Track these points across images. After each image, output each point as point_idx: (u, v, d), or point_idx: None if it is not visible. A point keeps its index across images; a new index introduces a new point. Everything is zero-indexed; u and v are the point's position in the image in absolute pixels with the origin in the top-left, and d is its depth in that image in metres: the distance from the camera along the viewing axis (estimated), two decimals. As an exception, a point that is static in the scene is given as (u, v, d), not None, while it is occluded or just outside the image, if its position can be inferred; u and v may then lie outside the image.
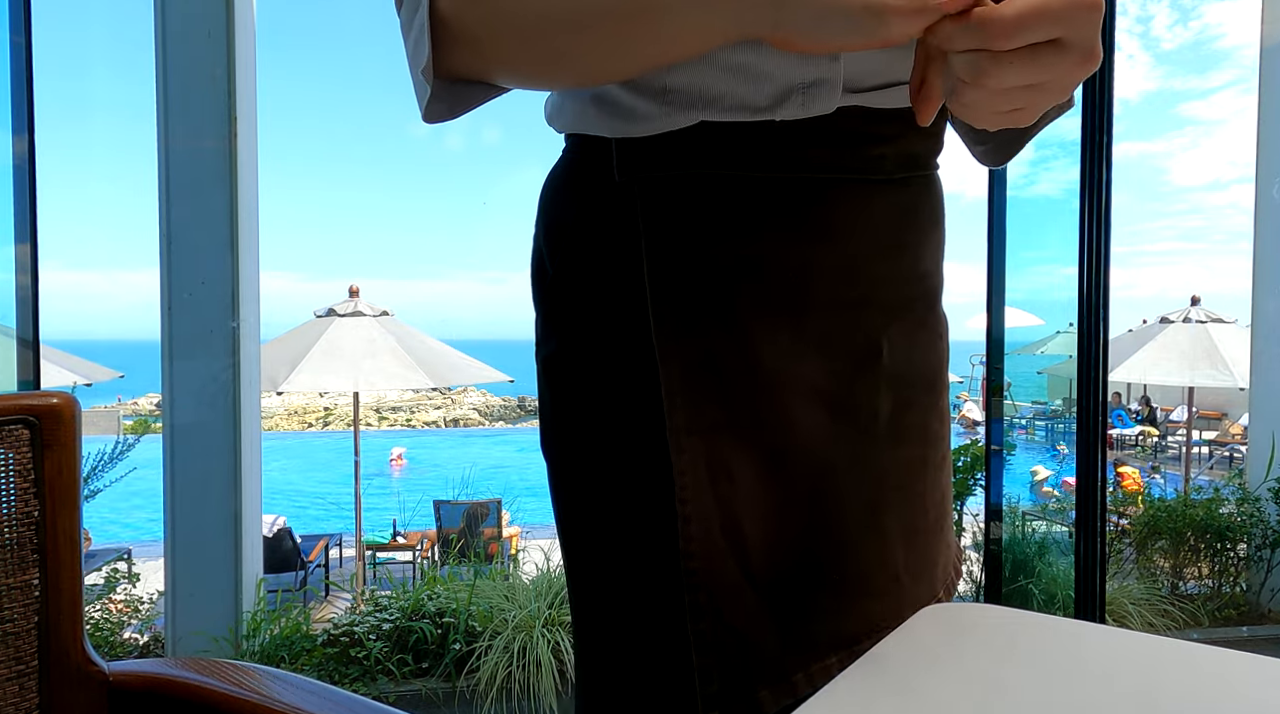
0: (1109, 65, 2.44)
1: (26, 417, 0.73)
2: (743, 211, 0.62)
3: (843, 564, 0.63)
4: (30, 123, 2.55)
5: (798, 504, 0.62)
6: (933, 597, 0.68)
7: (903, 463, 0.67)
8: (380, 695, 2.99)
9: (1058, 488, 4.83)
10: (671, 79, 0.60)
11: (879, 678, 0.50)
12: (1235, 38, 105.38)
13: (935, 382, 0.70)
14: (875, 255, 0.64)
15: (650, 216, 0.62)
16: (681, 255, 0.62)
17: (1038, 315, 3.90)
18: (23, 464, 0.73)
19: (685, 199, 0.62)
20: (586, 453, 0.66)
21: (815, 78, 0.60)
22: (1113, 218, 2.49)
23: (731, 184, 0.62)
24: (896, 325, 0.66)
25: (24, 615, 0.73)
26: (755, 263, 0.62)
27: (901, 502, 0.66)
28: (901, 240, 0.66)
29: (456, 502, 6.34)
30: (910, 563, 0.66)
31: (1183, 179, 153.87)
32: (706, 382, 0.61)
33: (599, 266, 0.65)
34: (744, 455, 0.61)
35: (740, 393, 0.61)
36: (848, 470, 0.63)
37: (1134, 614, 3.57)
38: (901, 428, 0.66)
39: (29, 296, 2.57)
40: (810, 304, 0.63)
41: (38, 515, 0.74)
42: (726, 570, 0.60)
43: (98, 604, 3.58)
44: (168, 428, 3.06)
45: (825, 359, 0.63)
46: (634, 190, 0.63)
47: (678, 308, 0.61)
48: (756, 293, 0.62)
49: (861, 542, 0.64)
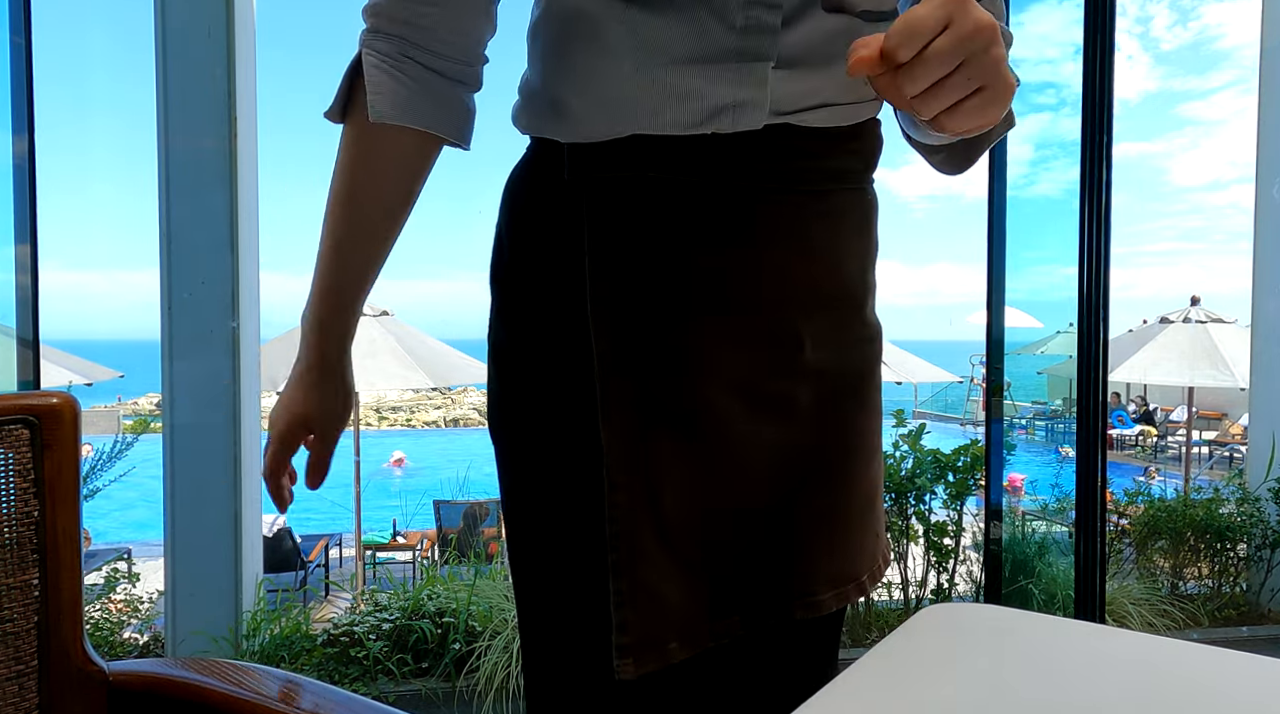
0: (1109, 65, 2.44)
1: (26, 417, 0.73)
2: (676, 214, 0.68)
3: (757, 536, 0.70)
4: (30, 123, 2.55)
5: (716, 480, 0.68)
6: (853, 579, 0.75)
7: (825, 450, 0.73)
8: (380, 695, 2.99)
9: (1039, 492, 4.80)
10: (617, 93, 0.67)
11: (879, 678, 0.50)
12: (1235, 38, 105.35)
13: (861, 379, 0.76)
14: (797, 260, 0.70)
15: (594, 214, 0.68)
16: (619, 252, 0.67)
17: (1037, 315, 3.90)
18: (23, 464, 0.73)
19: (625, 200, 0.68)
20: (528, 433, 0.72)
21: (743, 99, 0.67)
22: (1113, 218, 2.49)
23: (668, 188, 0.68)
24: (817, 325, 0.72)
25: (24, 615, 0.73)
26: (685, 261, 0.68)
27: (823, 485, 0.72)
28: (823, 247, 0.72)
29: (456, 501, 6.34)
30: (829, 542, 0.73)
31: (1182, 179, 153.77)
32: (635, 367, 0.67)
33: (547, 259, 0.71)
34: (667, 434, 0.67)
35: (666, 378, 0.67)
36: (766, 453, 0.70)
37: (1134, 614, 3.57)
38: (825, 418, 0.73)
39: (29, 296, 2.57)
40: (733, 301, 0.69)
41: (38, 515, 0.74)
42: (644, 535, 0.66)
43: (98, 604, 3.58)
44: (168, 428, 3.06)
45: (746, 351, 0.69)
46: (581, 190, 0.69)
47: (613, 298, 0.67)
48: (685, 288, 0.68)
49: (778, 517, 0.71)
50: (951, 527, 3.70)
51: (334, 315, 0.80)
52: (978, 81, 0.49)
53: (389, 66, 0.72)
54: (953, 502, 3.75)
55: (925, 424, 3.91)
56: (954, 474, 3.73)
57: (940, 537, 3.69)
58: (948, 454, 3.77)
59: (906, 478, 3.69)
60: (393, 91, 0.71)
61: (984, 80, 0.49)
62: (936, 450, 3.82)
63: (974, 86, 0.49)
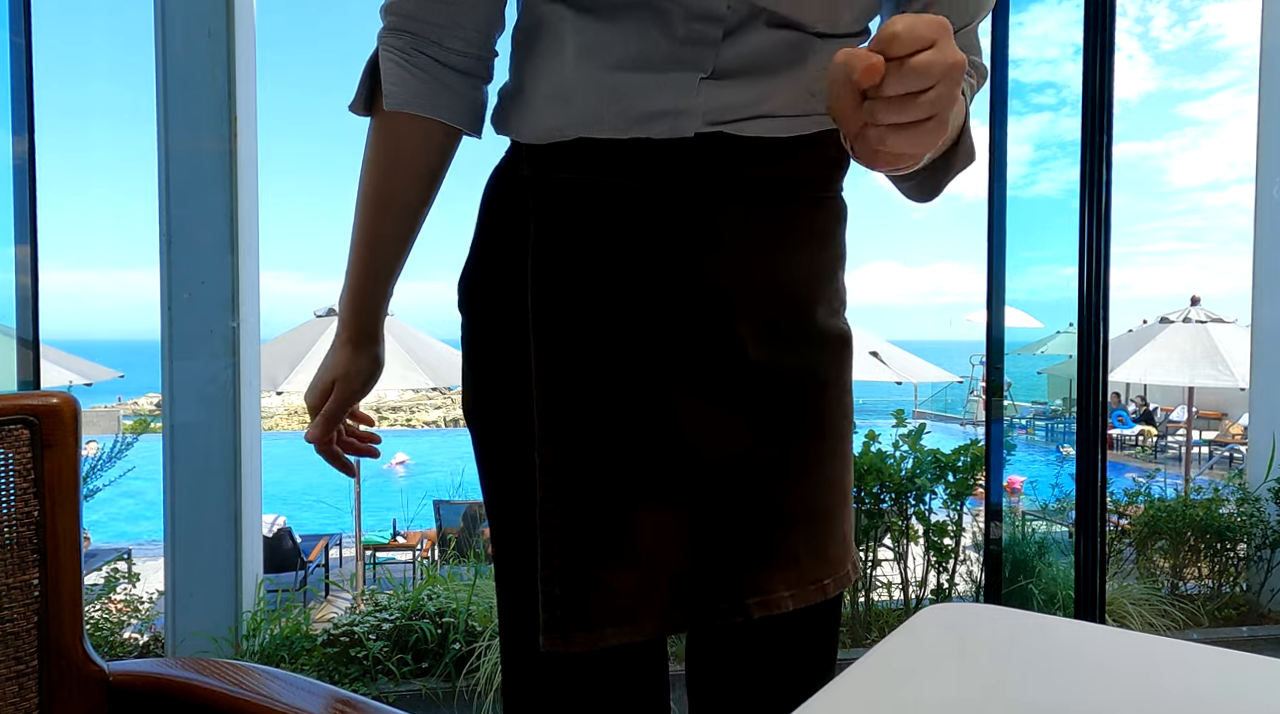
0: (1109, 65, 2.44)
1: (26, 417, 0.73)
2: (614, 216, 0.71)
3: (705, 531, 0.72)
4: (30, 123, 2.55)
5: (655, 473, 0.71)
6: (814, 580, 0.76)
7: (777, 453, 0.74)
8: (380, 695, 2.99)
9: (1039, 491, 4.79)
10: (564, 94, 0.72)
11: (879, 678, 0.50)
12: (1235, 38, 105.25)
13: (817, 384, 0.77)
14: (734, 265, 0.72)
15: (538, 213, 0.72)
16: (559, 250, 0.71)
17: (1037, 315, 3.90)
18: (23, 464, 0.73)
19: (568, 201, 0.72)
20: (494, 422, 0.77)
21: (674, 107, 0.70)
22: (1112, 218, 2.49)
23: (609, 191, 0.71)
24: (758, 330, 0.73)
25: (24, 615, 0.73)
26: (621, 262, 0.71)
27: (775, 487, 0.74)
28: (766, 253, 0.74)
29: (456, 501, 6.34)
30: (785, 543, 0.74)
31: (1182, 179, 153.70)
32: (572, 362, 0.70)
33: (502, 255, 0.75)
34: (601, 425, 0.70)
35: (602, 372, 0.71)
36: (705, 451, 0.72)
37: (1134, 614, 3.57)
38: (774, 422, 0.74)
39: (29, 296, 2.57)
40: (667, 303, 0.71)
41: (38, 515, 0.74)
42: (575, 521, 0.69)
43: (98, 604, 3.57)
44: (168, 428, 3.06)
45: (682, 353, 0.71)
46: (530, 189, 0.73)
47: (551, 296, 0.71)
48: (620, 289, 0.71)
49: (728, 515, 0.72)
50: (951, 527, 3.70)
51: (367, 293, 0.87)
52: (936, 108, 0.50)
53: (403, 60, 0.77)
54: (953, 502, 3.75)
55: (925, 424, 3.91)
56: (954, 474, 3.73)
57: (940, 537, 3.69)
58: (948, 454, 3.77)
59: (906, 478, 3.69)
60: (405, 83, 0.77)
61: (940, 109, 0.50)
62: (936, 450, 3.82)
63: (932, 112, 0.50)
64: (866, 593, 3.67)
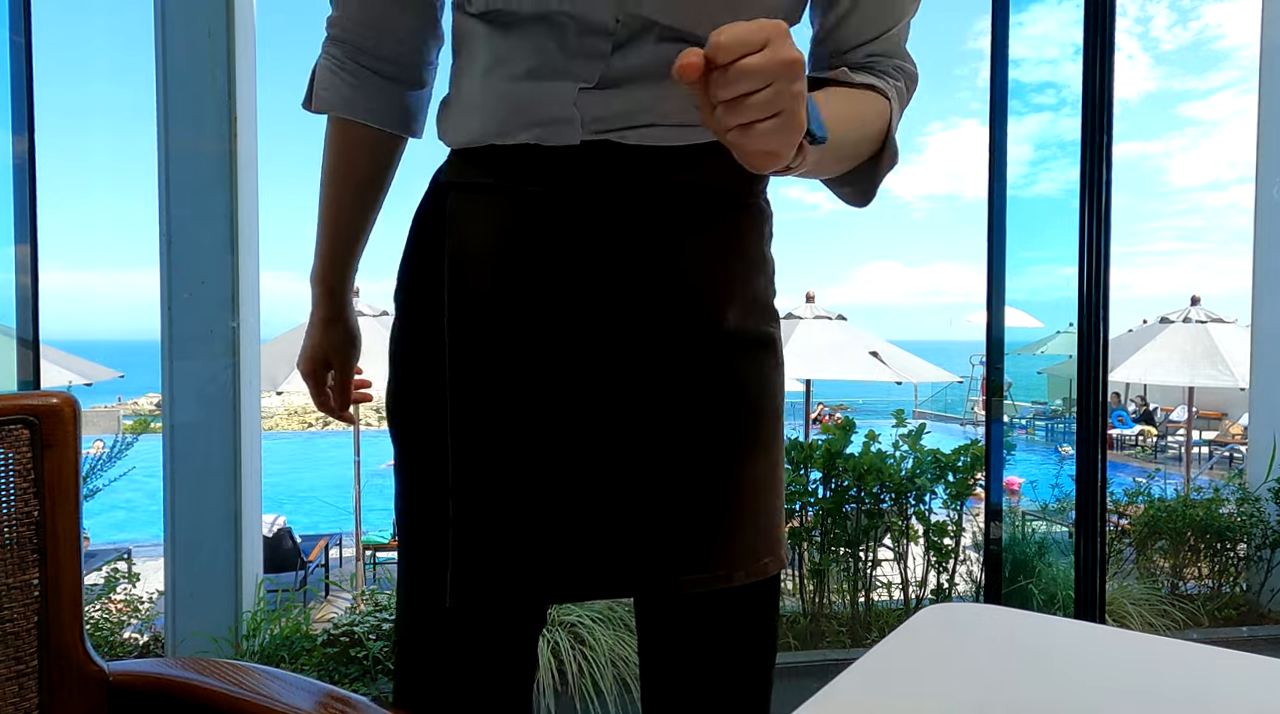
0: (1109, 65, 2.44)
1: (26, 417, 0.73)
2: (520, 219, 0.76)
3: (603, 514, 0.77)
4: (30, 122, 2.55)
5: (556, 462, 0.76)
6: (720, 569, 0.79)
7: (678, 448, 0.77)
8: (380, 695, 2.99)
9: (1039, 491, 4.79)
10: (474, 102, 0.79)
11: (880, 677, 0.50)
12: (1235, 38, 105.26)
13: (721, 387, 0.79)
14: (632, 269, 0.76)
15: (453, 218, 0.78)
16: (471, 255, 0.77)
17: (1038, 315, 3.90)
18: (23, 464, 0.73)
19: (480, 206, 0.78)
20: (410, 416, 0.83)
21: (558, 115, 0.75)
22: (1112, 218, 2.50)
23: (515, 196, 0.77)
24: (652, 334, 0.77)
25: (24, 615, 0.73)
26: (528, 265, 0.76)
27: (671, 479, 0.77)
28: (668, 257, 0.77)
29: (456, 502, 6.33)
30: (685, 530, 0.78)
31: (1182, 179, 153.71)
32: (480, 357, 0.76)
33: (426, 258, 0.82)
34: (506, 420, 0.76)
35: (508, 369, 0.76)
36: (602, 443, 0.76)
37: (1134, 614, 3.57)
38: (676, 419, 0.77)
39: (29, 296, 2.57)
40: (571, 303, 0.76)
41: (38, 515, 0.74)
42: (480, 497, 0.76)
43: (98, 604, 3.57)
44: (168, 428, 3.06)
45: (578, 353, 0.76)
46: (448, 194, 0.79)
47: (464, 298, 0.76)
48: (526, 289, 0.76)
49: (629, 501, 0.77)
50: (951, 527, 3.71)
51: (331, 273, 0.98)
52: (776, 107, 0.52)
53: (336, 67, 0.88)
54: (953, 502, 3.75)
55: (925, 424, 3.91)
56: (954, 474, 3.73)
57: (940, 537, 3.69)
58: (948, 454, 3.77)
59: (906, 478, 3.69)
60: (334, 88, 0.88)
61: (781, 107, 0.53)
62: (936, 450, 3.82)
63: (772, 111, 0.52)
64: (866, 593, 3.67)
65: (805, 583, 3.69)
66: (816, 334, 7.33)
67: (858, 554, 3.64)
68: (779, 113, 0.53)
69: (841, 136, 0.69)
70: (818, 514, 3.66)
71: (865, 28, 0.79)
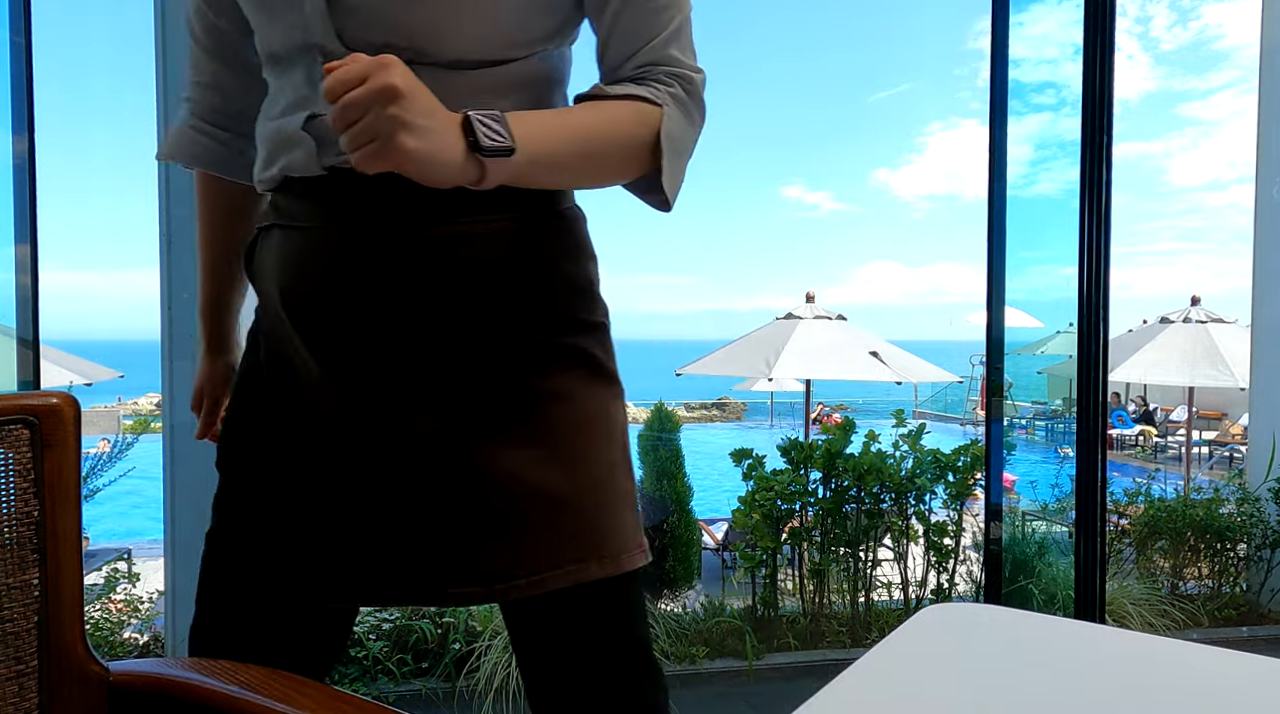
0: (1109, 65, 2.44)
1: (26, 417, 0.73)
2: (290, 255, 0.82)
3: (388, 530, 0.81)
4: (30, 122, 2.55)
5: (335, 477, 0.82)
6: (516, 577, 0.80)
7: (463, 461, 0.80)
8: (380, 695, 2.99)
9: (1039, 492, 4.79)
10: (260, 146, 0.87)
11: (880, 677, 0.50)
12: (1235, 38, 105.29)
13: (519, 395, 0.81)
14: (382, 289, 0.79)
15: (250, 255, 0.90)
16: (258, 287, 0.88)
17: (1038, 315, 3.90)
18: (23, 464, 0.73)
19: (263, 242, 0.87)
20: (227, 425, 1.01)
21: (294, 144, 0.81)
22: (1112, 218, 2.49)
23: (286, 229, 0.84)
24: (432, 347, 0.80)
25: (24, 615, 0.73)
26: (301, 295, 0.81)
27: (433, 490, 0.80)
28: (422, 276, 0.79)
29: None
30: (472, 543, 0.80)
31: (1182, 179, 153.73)
32: (278, 385, 0.85)
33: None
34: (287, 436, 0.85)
35: (294, 394, 0.84)
36: (375, 455, 0.80)
37: (1134, 614, 3.57)
38: (462, 432, 0.80)
39: (29, 296, 2.57)
40: (332, 329, 0.80)
41: (38, 515, 0.74)
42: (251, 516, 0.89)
43: (98, 604, 3.57)
44: (167, 428, 3.06)
45: (353, 372, 0.80)
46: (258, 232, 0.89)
47: (261, 325, 0.88)
48: (299, 316, 0.82)
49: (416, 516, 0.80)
50: (951, 527, 3.71)
51: (210, 311, 1.09)
52: (374, 131, 0.60)
53: (180, 123, 1.00)
54: (953, 502, 3.75)
55: (925, 424, 3.91)
56: (954, 474, 3.73)
57: (940, 537, 3.69)
58: (948, 454, 3.77)
59: (906, 478, 3.69)
60: (175, 139, 1.00)
61: (377, 133, 0.60)
62: (936, 450, 3.82)
63: (370, 135, 0.60)
64: (867, 593, 3.67)
65: (805, 583, 3.69)
66: (816, 334, 7.33)
67: (858, 554, 3.65)
68: (375, 138, 0.60)
69: (553, 148, 0.73)
70: (818, 514, 3.66)
71: (628, 42, 0.82)
